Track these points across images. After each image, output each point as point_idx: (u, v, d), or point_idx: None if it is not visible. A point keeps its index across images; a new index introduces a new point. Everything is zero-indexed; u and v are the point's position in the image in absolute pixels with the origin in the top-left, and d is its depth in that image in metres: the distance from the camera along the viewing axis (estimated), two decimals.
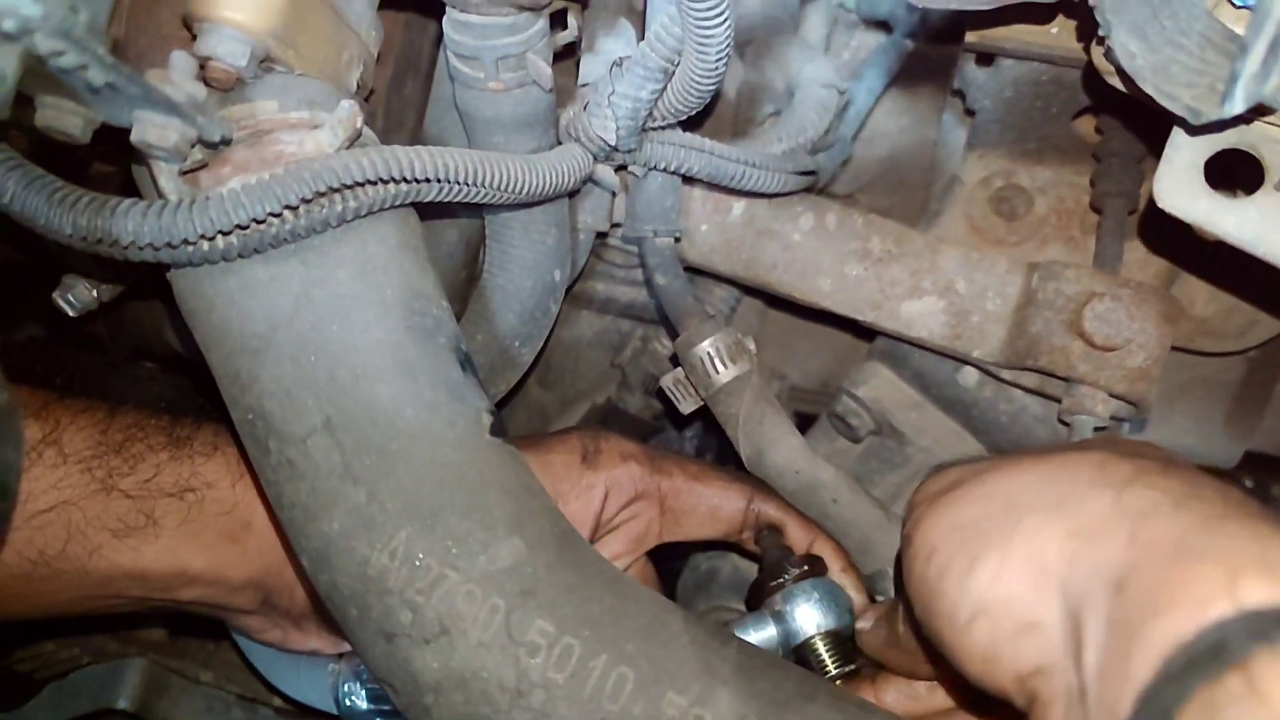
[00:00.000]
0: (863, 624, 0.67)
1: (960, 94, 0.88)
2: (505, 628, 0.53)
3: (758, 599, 0.76)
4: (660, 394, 0.82)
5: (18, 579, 0.66)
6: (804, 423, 1.13)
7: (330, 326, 0.56)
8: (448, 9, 0.66)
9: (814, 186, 0.88)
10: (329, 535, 0.55)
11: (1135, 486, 0.44)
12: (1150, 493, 0.43)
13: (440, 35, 0.68)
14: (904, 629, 0.58)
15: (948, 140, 0.96)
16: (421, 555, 0.54)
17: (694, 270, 0.88)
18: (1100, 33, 0.53)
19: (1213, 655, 0.35)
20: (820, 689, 0.56)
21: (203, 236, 0.53)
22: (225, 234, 0.54)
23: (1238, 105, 0.47)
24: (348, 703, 0.80)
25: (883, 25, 0.97)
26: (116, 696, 0.82)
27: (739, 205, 0.86)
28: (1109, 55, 0.53)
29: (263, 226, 0.54)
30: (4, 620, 0.69)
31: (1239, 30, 0.52)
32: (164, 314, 0.88)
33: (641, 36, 0.77)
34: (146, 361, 0.96)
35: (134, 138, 0.51)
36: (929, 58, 0.96)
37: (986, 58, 0.81)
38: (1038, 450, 0.52)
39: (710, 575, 0.90)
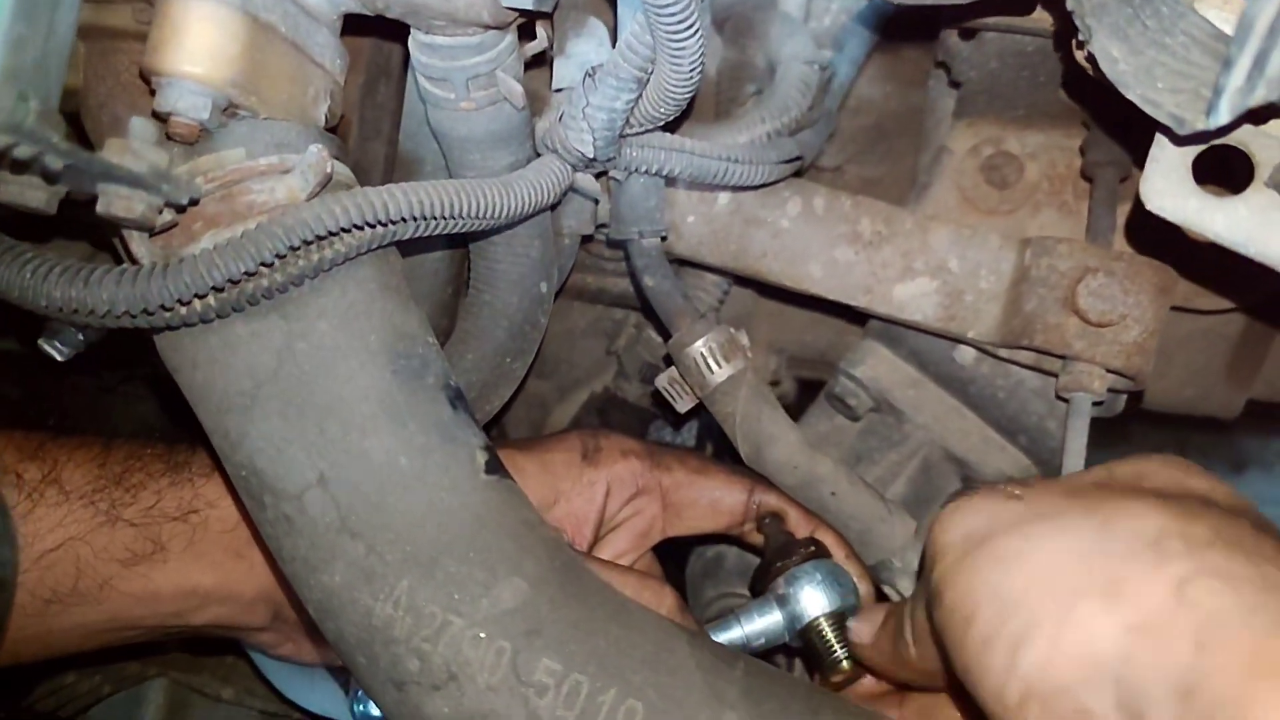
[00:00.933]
0: (859, 632, 0.67)
1: (944, 66, 0.86)
2: (512, 669, 0.54)
3: (762, 583, 0.76)
4: (656, 394, 0.82)
5: (32, 619, 0.66)
6: (803, 390, 1.14)
7: (316, 380, 0.56)
8: (412, 31, 0.65)
9: (801, 169, 0.87)
10: (331, 588, 0.56)
11: (1200, 580, 0.41)
12: (1218, 589, 0.40)
13: (403, 38, 0.66)
14: (915, 649, 0.57)
15: (935, 107, 0.94)
16: (425, 603, 0.54)
17: (683, 262, 0.87)
18: (1080, 38, 0.52)
19: None
20: (824, 704, 0.57)
21: (179, 301, 0.52)
22: (201, 297, 0.53)
23: (1223, 117, 0.46)
24: (361, 710, 0.82)
25: None
26: (141, 718, 0.84)
27: (725, 194, 0.85)
28: (1090, 60, 0.52)
29: (239, 286, 0.54)
30: (23, 662, 0.70)
31: (1224, 27, 0.51)
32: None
33: (613, 34, 0.75)
34: (137, 381, 0.96)
35: (100, 210, 0.50)
36: (911, 18, 0.93)
37: (969, 31, 0.79)
38: (1078, 491, 0.48)
39: (717, 562, 0.91)
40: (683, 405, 0.80)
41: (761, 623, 0.73)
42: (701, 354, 0.77)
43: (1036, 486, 0.50)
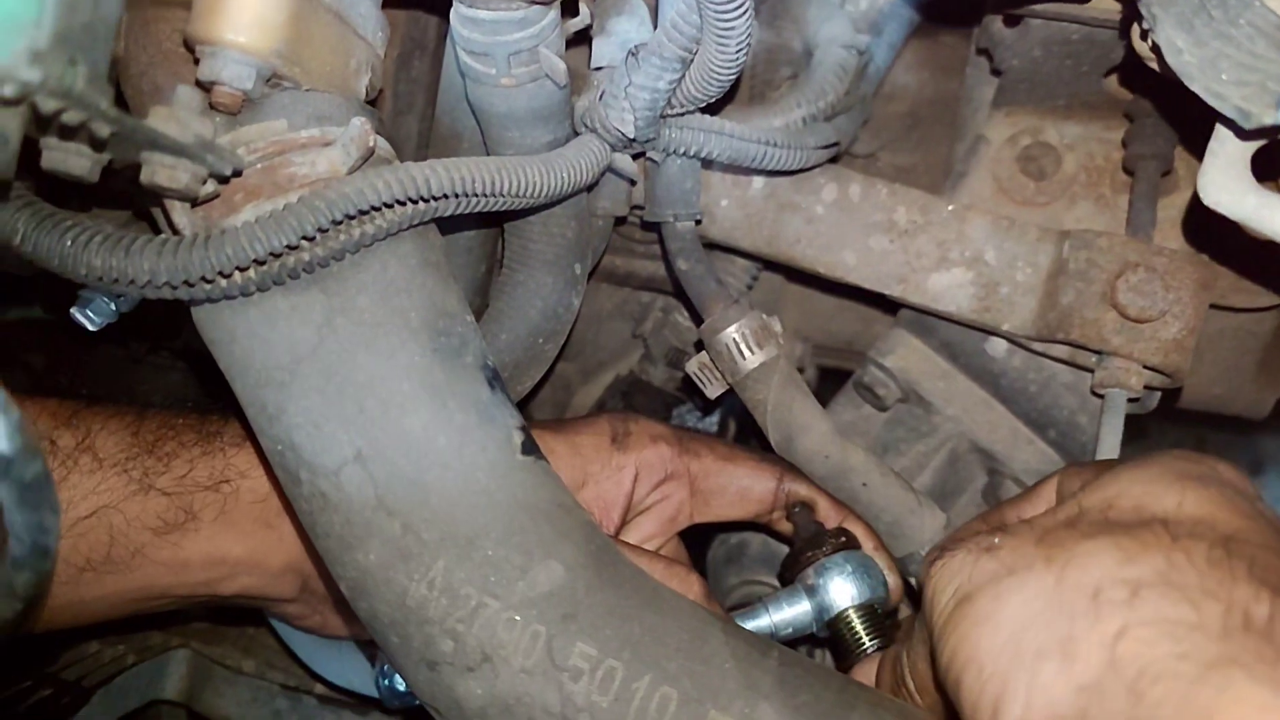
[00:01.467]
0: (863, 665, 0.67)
1: (986, 53, 0.84)
2: (547, 653, 0.54)
3: (791, 573, 0.76)
4: (686, 379, 0.82)
5: (64, 586, 0.66)
6: (830, 378, 1.13)
7: (355, 355, 0.55)
8: (455, 4, 0.64)
9: (837, 155, 0.86)
10: (366, 566, 0.55)
11: (1133, 631, 0.42)
12: (1148, 638, 0.42)
13: (445, 10, 0.65)
14: (920, 699, 0.58)
15: (972, 96, 0.93)
16: (460, 584, 0.54)
17: (715, 246, 0.87)
18: (1145, 26, 0.51)
19: None
20: (860, 697, 0.57)
21: (220, 273, 0.52)
22: (243, 269, 0.53)
23: None
24: (386, 684, 0.82)
25: None
26: (163, 688, 0.84)
27: (760, 179, 0.84)
28: (1155, 50, 0.51)
29: (280, 259, 0.53)
30: (54, 629, 0.70)
31: None
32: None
33: (653, 12, 0.74)
34: (166, 352, 0.95)
35: (144, 179, 0.49)
36: (954, 2, 0.92)
37: (1014, 18, 0.78)
38: (1048, 535, 0.49)
39: (740, 549, 0.91)
40: (713, 391, 0.79)
41: (790, 612, 0.72)
42: (734, 340, 0.76)
43: (1013, 535, 0.50)
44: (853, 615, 0.72)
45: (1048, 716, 0.43)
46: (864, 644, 0.71)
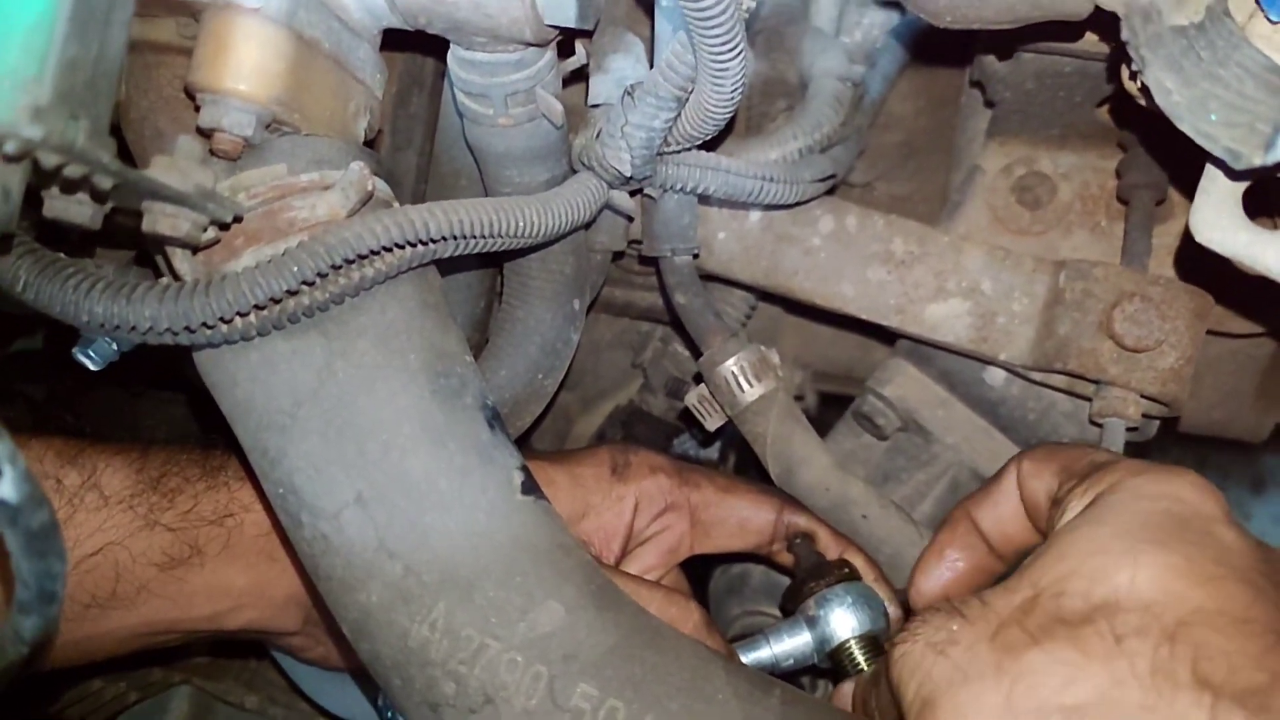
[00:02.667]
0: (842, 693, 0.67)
1: (979, 85, 0.85)
2: (549, 694, 0.54)
3: (792, 604, 0.76)
4: (686, 410, 0.82)
5: (70, 624, 0.67)
6: (830, 404, 1.13)
7: (355, 399, 0.55)
8: (452, 47, 0.64)
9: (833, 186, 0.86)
10: (367, 607, 0.55)
11: None
12: None
13: (441, 52, 0.66)
14: None
15: (967, 126, 0.94)
16: (462, 625, 0.54)
17: (713, 278, 0.87)
18: (1134, 68, 0.51)
19: None
20: None
21: (221, 319, 0.52)
22: (243, 315, 0.53)
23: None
24: (390, 716, 0.81)
25: (895, 4, 0.94)
26: None
27: (757, 211, 0.84)
28: (1144, 90, 0.51)
29: (280, 304, 0.54)
30: (59, 667, 0.70)
31: (1276, 58, 0.50)
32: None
33: (649, 50, 0.75)
34: (165, 390, 0.96)
35: (145, 228, 0.50)
36: (945, 35, 0.93)
37: (1006, 51, 0.79)
38: (1000, 633, 0.48)
39: (742, 579, 0.91)
40: (712, 423, 0.80)
41: (791, 643, 0.72)
42: (733, 373, 0.76)
43: (970, 623, 0.50)
44: (854, 646, 0.72)
45: None
46: (864, 673, 0.71)
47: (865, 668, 0.71)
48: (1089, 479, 0.53)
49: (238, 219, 0.54)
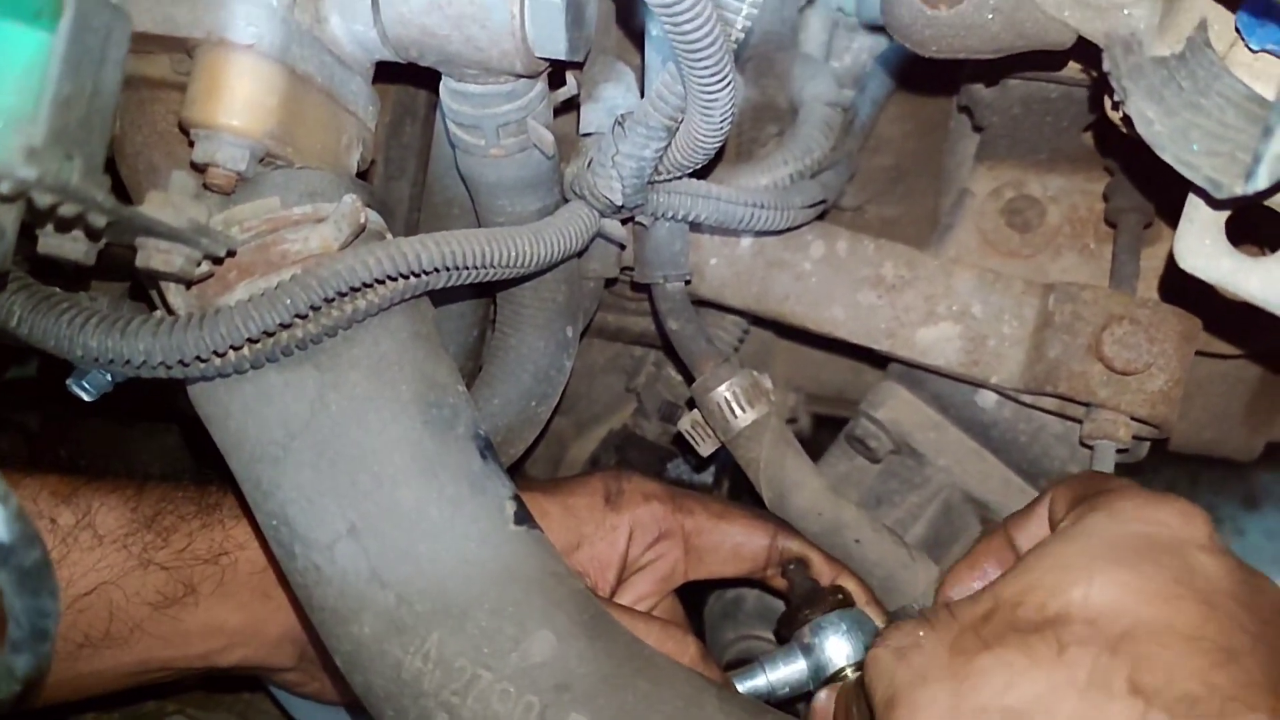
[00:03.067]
0: (821, 700, 0.68)
1: (967, 110, 0.86)
2: None
3: (787, 630, 0.76)
4: (678, 436, 0.82)
5: (63, 662, 0.66)
6: (824, 425, 1.14)
7: (348, 431, 0.56)
8: (444, 78, 0.65)
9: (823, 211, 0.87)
10: (360, 639, 0.56)
11: None
12: None
13: (433, 84, 0.67)
14: None
15: (956, 149, 0.95)
16: (454, 656, 0.54)
17: (705, 303, 0.88)
18: (1116, 98, 0.52)
19: None
20: None
21: (215, 353, 0.53)
22: (237, 348, 0.53)
23: (1261, 183, 0.46)
24: None
25: (883, 29, 0.95)
26: None
27: (748, 237, 0.85)
28: (1125, 120, 0.52)
29: (274, 336, 0.54)
30: (51, 704, 0.70)
31: (1258, 88, 0.51)
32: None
33: (640, 78, 0.76)
34: (159, 421, 0.96)
35: (139, 264, 0.50)
36: (932, 62, 0.94)
37: (992, 78, 0.80)
38: (959, 640, 0.50)
39: (736, 604, 0.91)
40: (705, 449, 0.80)
41: (786, 671, 0.72)
42: (725, 399, 0.77)
43: (935, 630, 0.52)
44: (849, 674, 0.72)
45: None
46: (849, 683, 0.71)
47: None
48: (1085, 502, 0.55)
49: (231, 253, 0.55)
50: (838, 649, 0.73)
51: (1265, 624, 0.47)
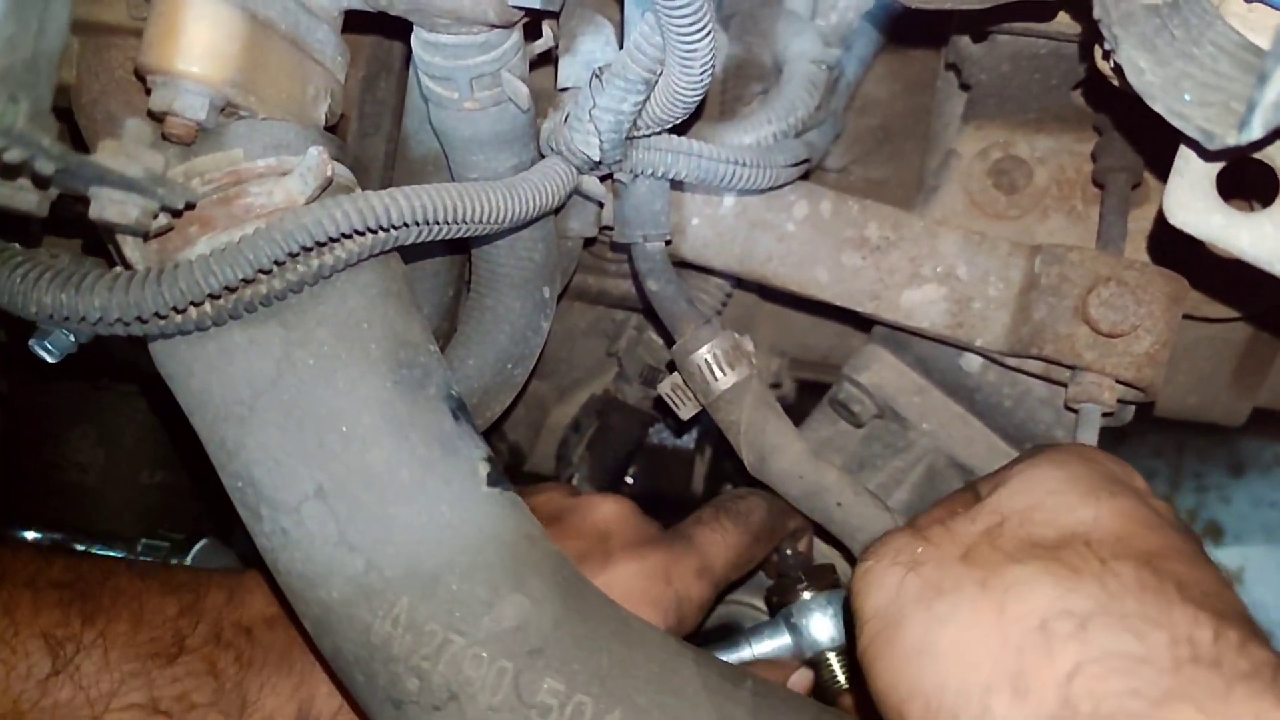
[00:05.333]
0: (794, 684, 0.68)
1: (955, 68, 0.84)
2: (515, 690, 0.53)
3: (776, 596, 0.76)
4: (658, 399, 0.81)
5: None
6: (808, 391, 1.12)
7: (315, 390, 0.54)
8: (415, 29, 0.63)
9: (808, 171, 0.85)
10: (329, 603, 0.54)
11: (1087, 668, 0.42)
12: (1102, 674, 0.42)
13: (406, 35, 0.65)
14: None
15: (943, 110, 0.93)
16: (425, 620, 0.53)
17: (687, 265, 0.86)
18: (1106, 47, 0.50)
19: None
20: None
21: (174, 309, 0.51)
22: (198, 304, 0.52)
23: (1255, 133, 0.44)
24: None
25: None
26: None
27: (730, 196, 0.83)
28: (1116, 70, 0.50)
29: (236, 293, 0.52)
30: None
31: (1251, 36, 0.49)
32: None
33: (619, 32, 0.74)
34: (129, 383, 0.94)
35: (92, 215, 0.48)
36: (920, 18, 0.92)
37: (981, 33, 0.78)
38: (972, 552, 0.49)
39: None
40: (686, 412, 0.79)
41: (770, 645, 0.72)
42: (706, 361, 0.75)
43: (935, 545, 0.50)
44: (832, 658, 0.72)
45: None
46: (841, 684, 0.71)
47: (841, 679, 0.71)
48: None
49: (191, 205, 0.53)
50: (822, 629, 0.72)
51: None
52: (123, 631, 0.62)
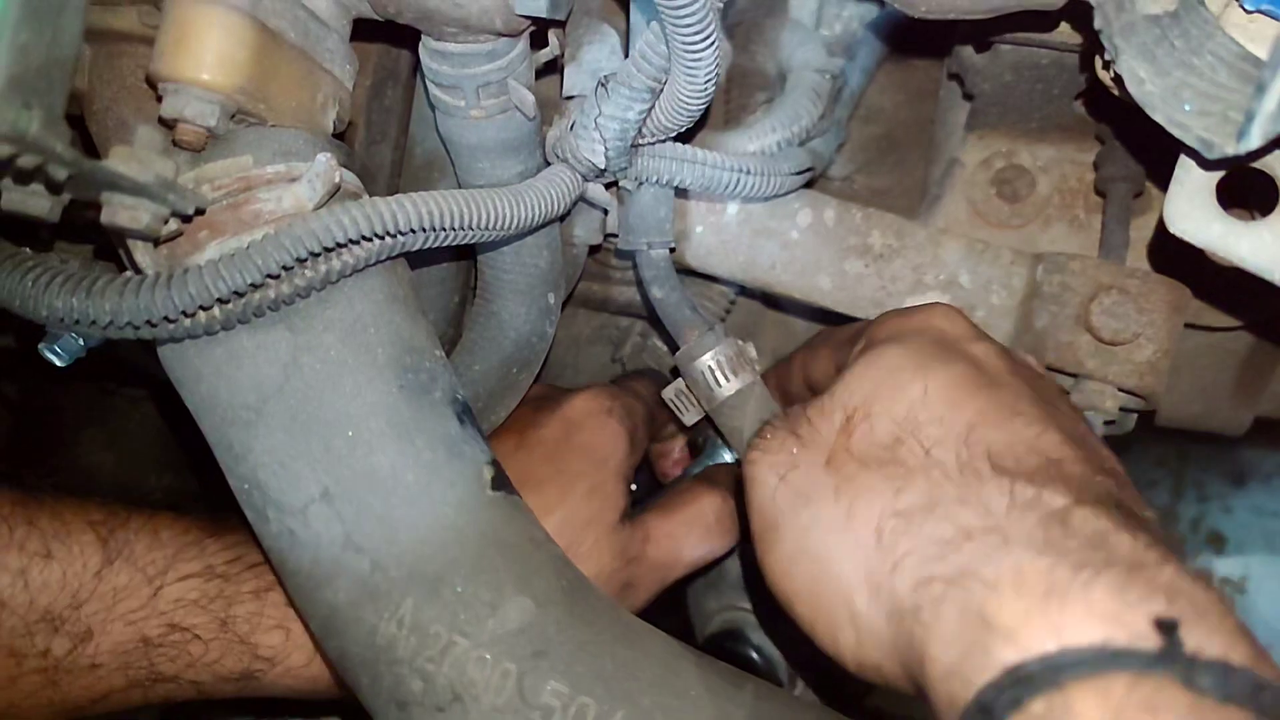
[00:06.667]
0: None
1: (957, 78, 0.85)
2: (518, 691, 0.53)
3: (700, 444, 0.87)
4: (663, 403, 0.81)
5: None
6: None
7: (322, 394, 0.55)
8: (423, 38, 0.64)
9: (812, 179, 0.86)
10: (335, 604, 0.55)
11: (905, 562, 0.47)
12: (920, 562, 0.47)
13: (413, 44, 0.65)
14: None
15: (946, 119, 0.93)
16: (429, 622, 0.53)
17: (691, 271, 0.86)
18: (1107, 57, 0.51)
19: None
20: None
21: (184, 313, 0.51)
22: (206, 309, 0.52)
23: (1254, 142, 0.45)
24: None
25: None
26: None
27: (734, 204, 0.84)
28: (1116, 80, 0.51)
29: (245, 297, 0.53)
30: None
31: (1251, 47, 0.50)
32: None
33: (625, 41, 0.74)
34: (137, 387, 0.94)
35: (104, 220, 0.49)
36: (923, 28, 0.92)
37: (983, 43, 0.78)
38: (835, 455, 0.54)
39: (720, 575, 0.90)
40: (689, 417, 0.79)
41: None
42: (709, 367, 0.76)
43: (806, 448, 0.55)
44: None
45: (876, 643, 0.49)
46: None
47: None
48: (862, 336, 0.62)
49: (200, 211, 0.53)
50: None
51: (1031, 382, 0.56)
52: (167, 519, 0.67)
